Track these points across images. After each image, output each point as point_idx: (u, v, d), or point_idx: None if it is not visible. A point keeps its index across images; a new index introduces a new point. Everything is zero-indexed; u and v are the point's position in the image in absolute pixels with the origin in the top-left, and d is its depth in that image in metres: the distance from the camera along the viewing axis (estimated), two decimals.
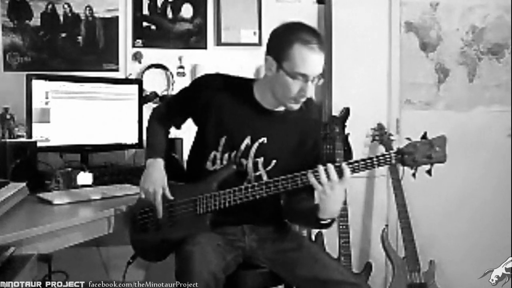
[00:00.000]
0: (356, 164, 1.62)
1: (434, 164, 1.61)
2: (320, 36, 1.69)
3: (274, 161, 1.80)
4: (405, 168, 1.66)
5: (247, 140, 1.80)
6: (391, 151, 1.63)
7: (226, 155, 1.80)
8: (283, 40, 1.67)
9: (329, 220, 1.67)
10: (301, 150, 1.83)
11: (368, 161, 1.62)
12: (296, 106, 1.74)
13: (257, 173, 1.80)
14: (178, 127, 2.01)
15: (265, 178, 1.79)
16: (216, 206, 1.74)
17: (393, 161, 1.62)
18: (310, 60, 1.64)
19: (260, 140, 1.80)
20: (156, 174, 1.81)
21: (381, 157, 1.62)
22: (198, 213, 1.77)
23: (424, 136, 1.63)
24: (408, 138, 1.63)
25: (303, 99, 1.72)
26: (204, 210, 1.76)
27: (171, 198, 1.79)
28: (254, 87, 1.82)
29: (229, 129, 1.80)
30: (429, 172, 1.61)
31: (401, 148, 1.63)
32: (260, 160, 1.80)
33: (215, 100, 1.80)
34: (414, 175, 1.63)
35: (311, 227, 2.56)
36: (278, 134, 1.81)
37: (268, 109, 1.80)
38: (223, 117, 1.80)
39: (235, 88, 1.82)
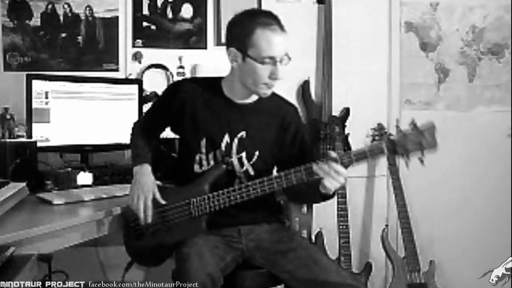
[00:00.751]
0: (348, 157, 1.63)
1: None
2: (278, 17, 1.70)
3: (257, 153, 1.81)
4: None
5: (226, 138, 1.80)
6: (382, 142, 1.63)
7: (211, 155, 1.80)
8: (243, 29, 1.67)
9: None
10: (283, 138, 1.84)
11: (360, 153, 1.63)
12: (269, 91, 1.75)
13: (244, 169, 1.81)
14: (157, 137, 2.02)
15: (251, 171, 1.80)
16: (211, 208, 1.74)
17: (385, 151, 1.62)
18: (275, 41, 1.65)
19: (239, 135, 1.80)
20: (144, 180, 1.79)
21: (373, 148, 1.63)
22: (193, 216, 1.76)
23: (413, 124, 1.63)
24: (397, 127, 1.63)
25: (275, 83, 1.72)
26: (199, 212, 1.76)
27: (163, 202, 1.78)
28: (222, 84, 1.83)
29: (206, 130, 1.80)
30: (421, 160, 1.62)
31: (392, 138, 1.64)
32: (244, 154, 1.81)
33: (187, 105, 1.81)
34: (407, 164, 1.63)
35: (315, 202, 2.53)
36: (255, 126, 1.82)
37: (239, 103, 1.81)
38: (198, 120, 1.81)
39: (204, 89, 1.82)
